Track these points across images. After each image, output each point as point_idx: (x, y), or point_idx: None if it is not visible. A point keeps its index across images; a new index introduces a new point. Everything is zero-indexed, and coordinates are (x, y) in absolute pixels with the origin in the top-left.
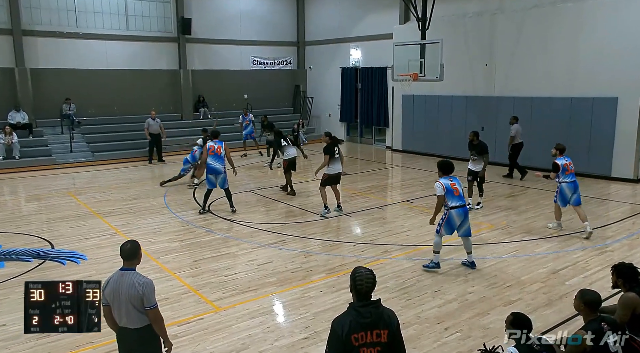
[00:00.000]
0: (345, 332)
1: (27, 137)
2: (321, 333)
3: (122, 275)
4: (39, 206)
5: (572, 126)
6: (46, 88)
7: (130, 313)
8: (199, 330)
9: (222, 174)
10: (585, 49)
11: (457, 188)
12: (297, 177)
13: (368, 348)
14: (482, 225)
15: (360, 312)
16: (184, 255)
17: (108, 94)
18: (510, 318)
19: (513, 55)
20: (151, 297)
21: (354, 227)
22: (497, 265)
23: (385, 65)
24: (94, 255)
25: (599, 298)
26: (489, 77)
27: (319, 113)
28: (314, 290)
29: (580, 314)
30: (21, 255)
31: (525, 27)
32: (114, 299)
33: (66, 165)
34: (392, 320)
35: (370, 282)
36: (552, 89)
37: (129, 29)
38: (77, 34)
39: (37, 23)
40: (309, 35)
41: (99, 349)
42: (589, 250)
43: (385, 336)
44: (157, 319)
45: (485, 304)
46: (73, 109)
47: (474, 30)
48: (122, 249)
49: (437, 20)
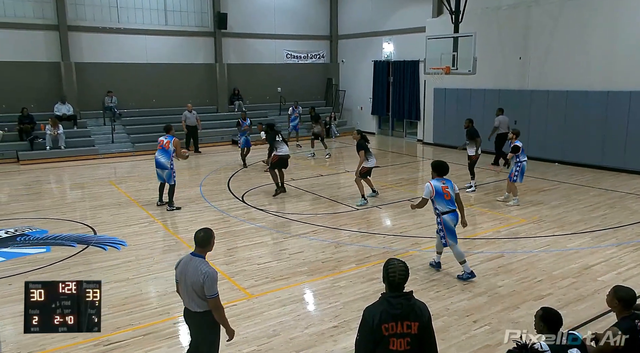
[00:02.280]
0: (376, 322)
1: (72, 128)
2: (350, 323)
3: (190, 259)
4: (82, 194)
5: (608, 120)
6: (89, 81)
7: (192, 297)
8: (232, 316)
9: (167, 169)
10: (623, 41)
11: (448, 191)
12: (328, 169)
13: (397, 338)
14: (514, 220)
15: (392, 302)
16: (218, 244)
17: (147, 87)
18: (540, 313)
19: (548, 48)
20: (212, 287)
21: (384, 219)
22: (528, 260)
23: (418, 59)
24: (133, 242)
25: (634, 295)
26: (523, 71)
27: (351, 106)
28: (344, 280)
29: (612, 311)
30: (66, 240)
31: (562, 19)
32: (180, 279)
33: (108, 156)
34: (423, 313)
35: (402, 273)
36: (589, 82)
37: (167, 24)
38: (119, 29)
39: (82, 19)
40: (341, 29)
41: (138, 331)
42: (623, 246)
43: (416, 328)
44: (217, 308)
45: (515, 298)
46: (115, 102)
47: (508, 23)
48: (195, 236)
49: (471, 13)
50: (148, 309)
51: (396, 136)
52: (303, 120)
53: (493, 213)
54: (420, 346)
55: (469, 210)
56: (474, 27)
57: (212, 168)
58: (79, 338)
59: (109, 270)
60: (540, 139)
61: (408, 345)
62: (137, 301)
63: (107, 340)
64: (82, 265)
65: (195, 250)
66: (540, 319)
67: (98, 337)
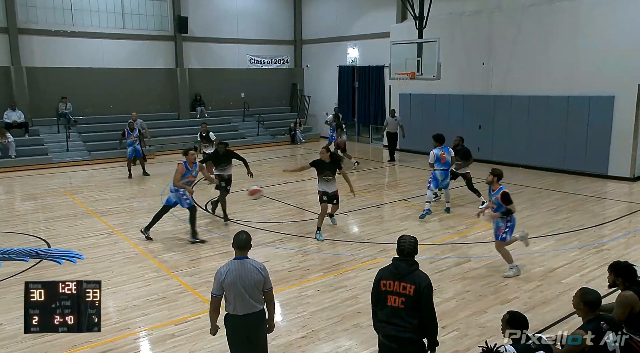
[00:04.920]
0: (377, 278)
1: (23, 136)
2: (318, 332)
3: (242, 264)
4: (35, 205)
5: (569, 124)
6: (42, 87)
7: (254, 296)
8: (196, 329)
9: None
10: (583, 48)
11: (444, 156)
12: (289, 176)
13: (393, 296)
14: (480, 224)
15: (395, 265)
16: (181, 255)
17: (104, 93)
18: (506, 317)
19: (511, 54)
20: (270, 280)
21: (351, 225)
22: (494, 264)
23: (383, 64)
24: (90, 255)
25: (600, 297)
26: (487, 76)
27: (316, 112)
28: (311, 289)
29: (578, 313)
30: (18, 255)
31: (524, 26)
32: (235, 285)
33: (62, 164)
34: (421, 280)
35: (411, 244)
36: (550, 87)
37: (125, 28)
38: (73, 32)
39: (33, 21)
40: (305, 33)
41: (96, 348)
42: (586, 249)
43: (412, 291)
44: (273, 298)
45: (483, 303)
46: (69, 108)
47: (472, 29)
48: (237, 239)
49: (435, 19)
50: (107, 325)
51: (362, 142)
52: (268, 126)
53: (460, 218)
54: (417, 309)
55: (437, 215)
56: (438, 33)
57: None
58: None
59: None
60: (504, 143)
61: (403, 304)
62: None
63: None
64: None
65: (238, 254)
66: (506, 323)
67: None
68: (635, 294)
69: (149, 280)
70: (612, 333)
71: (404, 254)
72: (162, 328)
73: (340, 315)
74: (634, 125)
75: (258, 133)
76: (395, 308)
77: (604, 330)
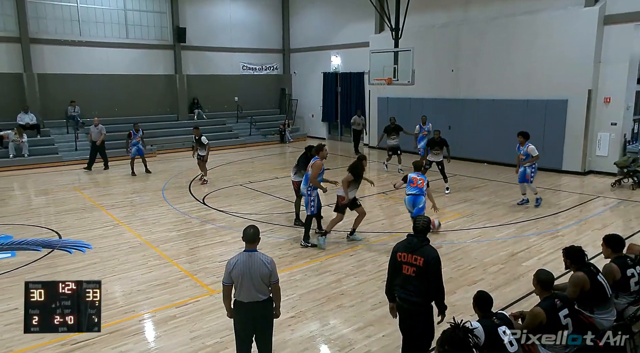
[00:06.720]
0: (394, 250)
1: (35, 137)
2: (306, 313)
3: (250, 256)
4: (47, 200)
5: (528, 125)
6: (52, 91)
7: (259, 287)
8: (196, 311)
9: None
10: (540, 57)
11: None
12: (279, 172)
13: (407, 265)
14: (449, 214)
15: (409, 240)
16: (181, 244)
17: (109, 97)
18: (475, 296)
19: (476, 62)
20: (276, 273)
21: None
22: (463, 249)
23: (363, 71)
24: (98, 244)
25: (552, 278)
26: (455, 82)
27: (303, 114)
28: (300, 273)
29: (535, 291)
30: (31, 245)
31: (487, 37)
32: (242, 278)
33: (71, 162)
34: (429, 254)
35: (424, 223)
36: (511, 91)
37: (128, 37)
38: (81, 41)
39: (44, 32)
40: (293, 43)
41: (105, 329)
42: (543, 235)
43: (421, 262)
44: (279, 290)
45: (452, 284)
46: (77, 111)
47: (442, 40)
48: (245, 233)
49: (409, 31)
50: (114, 308)
51: (345, 141)
52: (259, 127)
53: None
54: (425, 278)
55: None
56: (412, 43)
57: (174, 173)
58: (46, 338)
59: (75, 273)
60: (471, 141)
61: (414, 273)
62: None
63: (73, 340)
64: (48, 268)
65: (248, 247)
66: (475, 301)
67: (64, 337)
68: (585, 275)
69: (152, 267)
70: (564, 309)
71: (418, 231)
72: (165, 310)
73: (325, 297)
74: (584, 125)
75: (250, 133)
76: (408, 276)
77: (557, 306)
